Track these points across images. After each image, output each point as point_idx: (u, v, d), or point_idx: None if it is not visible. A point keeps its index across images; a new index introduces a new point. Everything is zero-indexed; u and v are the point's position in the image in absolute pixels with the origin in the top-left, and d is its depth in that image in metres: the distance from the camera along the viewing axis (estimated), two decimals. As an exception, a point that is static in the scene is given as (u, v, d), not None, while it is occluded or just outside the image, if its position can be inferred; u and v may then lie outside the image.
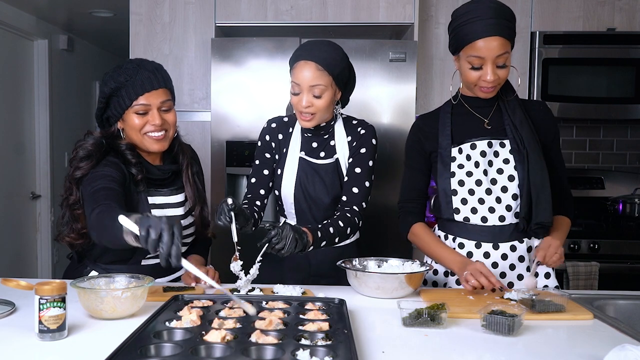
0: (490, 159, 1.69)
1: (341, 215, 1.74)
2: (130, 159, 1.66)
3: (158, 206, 1.71)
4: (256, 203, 1.86)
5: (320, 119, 1.79)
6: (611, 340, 1.23)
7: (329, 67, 1.72)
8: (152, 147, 1.68)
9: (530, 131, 1.67)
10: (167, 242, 1.22)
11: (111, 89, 1.64)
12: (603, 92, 3.02)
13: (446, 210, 1.71)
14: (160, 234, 1.22)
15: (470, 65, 1.62)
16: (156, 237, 1.22)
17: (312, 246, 1.61)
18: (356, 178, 1.80)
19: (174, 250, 1.22)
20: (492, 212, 1.68)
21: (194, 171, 1.82)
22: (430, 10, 3.06)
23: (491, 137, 1.70)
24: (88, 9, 4.01)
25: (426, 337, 1.25)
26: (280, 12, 2.88)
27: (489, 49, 1.56)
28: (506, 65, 1.60)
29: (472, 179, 1.69)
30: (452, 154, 1.72)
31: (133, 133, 1.67)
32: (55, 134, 4.43)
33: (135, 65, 1.66)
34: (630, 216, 3.10)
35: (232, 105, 2.76)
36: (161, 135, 1.68)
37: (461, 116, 1.75)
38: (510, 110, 1.69)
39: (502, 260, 1.69)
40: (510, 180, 1.67)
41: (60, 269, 4.29)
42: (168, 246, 1.22)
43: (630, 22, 3.02)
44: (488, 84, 1.61)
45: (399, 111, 2.73)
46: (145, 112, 1.65)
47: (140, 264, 1.71)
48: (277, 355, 1.03)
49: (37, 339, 1.19)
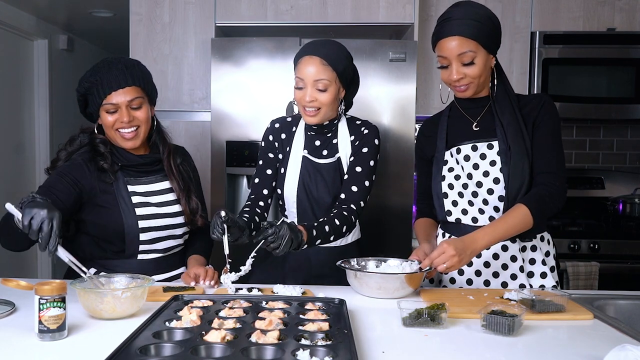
0: (475, 162, 1.70)
1: (338, 213, 1.74)
2: (99, 149, 1.74)
3: (140, 194, 1.76)
4: (259, 204, 1.86)
5: (325, 115, 1.79)
6: (611, 340, 1.23)
7: (333, 63, 1.73)
8: (124, 144, 1.74)
9: (518, 131, 1.65)
10: (45, 234, 1.35)
11: (84, 89, 1.73)
12: (603, 92, 3.02)
13: (440, 212, 1.77)
14: (41, 226, 1.35)
15: (440, 65, 1.67)
16: (37, 227, 1.35)
17: (305, 244, 1.61)
18: (356, 176, 1.80)
19: (51, 242, 1.36)
20: (482, 213, 1.70)
21: (178, 162, 1.85)
22: (430, 10, 3.06)
23: (477, 140, 1.71)
24: (88, 9, 4.00)
25: (426, 337, 1.25)
26: (280, 12, 2.88)
27: (450, 49, 1.62)
28: (474, 63, 1.62)
29: (459, 182, 1.72)
30: (445, 157, 1.76)
31: (107, 130, 1.75)
32: (55, 134, 4.43)
33: (107, 63, 1.73)
34: (630, 216, 3.10)
35: (232, 105, 2.76)
36: (132, 132, 1.73)
37: (455, 119, 1.78)
38: (500, 110, 1.69)
39: (493, 259, 1.71)
40: (495, 183, 1.67)
41: (60, 269, 4.28)
42: (46, 238, 1.35)
43: (630, 22, 3.02)
44: (456, 82, 1.65)
45: (398, 111, 2.73)
46: (115, 110, 1.71)
47: (137, 257, 1.74)
48: (277, 355, 1.03)
49: (37, 339, 1.19)
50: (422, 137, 1.87)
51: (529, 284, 1.71)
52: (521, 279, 1.70)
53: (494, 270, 1.71)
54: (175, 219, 1.80)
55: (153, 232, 1.74)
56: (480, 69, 1.63)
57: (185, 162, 1.90)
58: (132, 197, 1.73)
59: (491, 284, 1.72)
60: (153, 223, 1.74)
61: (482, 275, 1.72)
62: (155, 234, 1.75)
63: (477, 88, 1.68)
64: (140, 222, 1.71)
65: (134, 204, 1.73)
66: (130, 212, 1.71)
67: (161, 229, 1.76)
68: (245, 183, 2.92)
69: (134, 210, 1.72)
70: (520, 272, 1.69)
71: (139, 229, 1.71)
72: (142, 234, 1.71)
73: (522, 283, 1.71)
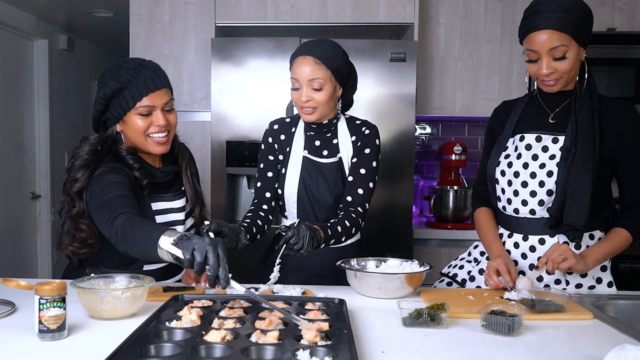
0: (535, 153, 1.67)
1: (346, 215, 1.75)
2: (132, 163, 1.61)
3: (161, 212, 1.68)
4: (262, 207, 1.85)
5: (322, 114, 1.79)
6: (611, 340, 1.23)
7: (327, 61, 1.73)
8: (155, 150, 1.64)
9: (590, 130, 1.61)
10: (213, 265, 1.23)
11: (113, 90, 1.57)
12: (603, 92, 2.97)
13: (492, 196, 1.78)
14: (206, 257, 1.23)
15: (528, 58, 1.62)
16: (202, 259, 1.23)
17: (323, 244, 1.61)
18: (361, 179, 1.80)
19: (221, 273, 1.23)
20: (525, 205, 1.67)
21: (192, 171, 1.80)
22: (430, 10, 3.06)
23: (544, 132, 1.67)
24: (88, 9, 4.01)
25: (426, 337, 1.25)
26: (280, 12, 2.88)
27: (541, 43, 1.56)
28: (566, 57, 1.57)
29: (511, 170, 1.70)
30: (507, 143, 1.74)
31: (136, 135, 1.61)
32: (55, 134, 4.43)
33: (136, 64, 1.61)
34: (630, 216, 3.09)
35: (232, 105, 2.76)
36: (164, 136, 1.63)
37: (532, 108, 1.74)
38: (578, 106, 1.65)
39: (530, 252, 1.68)
40: (548, 176, 1.64)
41: (60, 269, 4.29)
42: (215, 269, 1.23)
43: (630, 22, 3.02)
44: (544, 77, 1.60)
45: (399, 111, 2.73)
46: (149, 113, 1.60)
47: (142, 269, 1.68)
48: (277, 355, 1.03)
49: (37, 339, 1.19)
50: (495, 119, 1.83)
51: (568, 281, 1.67)
52: (558, 274, 1.65)
53: (531, 262, 1.68)
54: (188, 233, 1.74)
55: None
56: (571, 64, 1.59)
57: (192, 162, 1.84)
58: (155, 217, 1.65)
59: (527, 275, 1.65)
60: None
61: (518, 266, 1.68)
62: None
63: (566, 83, 1.63)
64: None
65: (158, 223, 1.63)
66: None
67: None
68: (245, 183, 2.92)
69: None
70: None
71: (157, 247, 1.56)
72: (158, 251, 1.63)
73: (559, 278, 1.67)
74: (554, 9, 1.54)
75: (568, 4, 1.55)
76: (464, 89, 3.08)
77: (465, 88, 3.08)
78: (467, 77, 3.08)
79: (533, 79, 1.67)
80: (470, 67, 3.07)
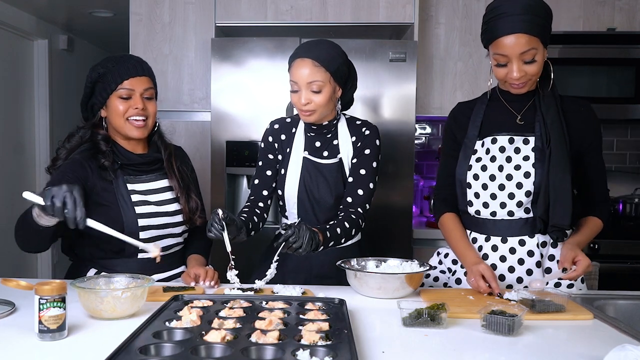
0: (509, 155, 1.67)
1: (346, 216, 1.74)
2: (101, 147, 1.74)
3: (139, 192, 1.76)
4: (259, 205, 1.86)
5: (321, 115, 1.78)
6: (611, 340, 1.23)
7: (326, 63, 1.72)
8: (133, 133, 1.75)
9: (561, 131, 1.62)
10: (71, 208, 1.37)
11: (98, 74, 1.73)
12: (603, 92, 3.02)
13: (462, 201, 1.74)
14: (64, 202, 1.36)
15: (496, 62, 1.61)
16: (60, 204, 1.37)
17: (322, 246, 1.61)
18: (361, 180, 1.80)
19: (78, 213, 1.38)
20: (503, 207, 1.67)
21: (178, 164, 1.86)
22: (430, 10, 3.06)
23: (515, 133, 1.67)
24: (88, 9, 4.00)
25: (426, 337, 1.25)
26: (280, 12, 2.88)
27: (512, 47, 1.54)
28: (535, 60, 1.57)
29: (486, 173, 1.69)
30: (474, 146, 1.71)
31: (116, 118, 1.74)
32: (55, 134, 4.43)
33: (121, 55, 1.78)
34: (630, 216, 3.10)
35: (232, 105, 2.76)
36: (142, 120, 1.74)
37: (495, 109, 1.73)
38: (544, 106, 1.65)
39: (510, 254, 1.68)
40: (526, 177, 1.64)
41: (60, 269, 4.29)
42: (72, 211, 1.37)
43: (630, 22, 3.02)
44: (515, 80, 1.60)
45: (399, 111, 2.73)
46: (129, 97, 1.72)
47: (137, 257, 1.74)
48: (277, 355, 1.03)
49: (37, 339, 1.19)
50: (454, 121, 1.79)
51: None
52: (537, 274, 1.66)
53: (510, 265, 1.68)
54: (174, 218, 1.80)
55: (152, 230, 1.74)
56: (540, 66, 1.59)
57: (184, 163, 1.90)
58: (131, 196, 1.73)
59: (506, 278, 1.69)
60: (152, 221, 1.74)
61: (497, 269, 1.68)
62: (154, 232, 1.74)
63: (533, 84, 1.64)
64: (139, 220, 1.71)
65: (134, 202, 1.73)
66: (130, 210, 1.71)
67: (160, 228, 1.76)
68: (245, 183, 2.92)
69: (134, 208, 1.72)
70: (537, 267, 1.66)
71: (139, 227, 1.71)
72: (141, 232, 1.71)
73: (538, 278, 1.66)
74: (519, 11, 1.53)
75: (530, 5, 1.54)
76: (464, 89, 3.08)
77: (465, 88, 3.07)
78: (467, 77, 3.08)
79: (500, 82, 1.67)
80: (470, 67, 3.07)
